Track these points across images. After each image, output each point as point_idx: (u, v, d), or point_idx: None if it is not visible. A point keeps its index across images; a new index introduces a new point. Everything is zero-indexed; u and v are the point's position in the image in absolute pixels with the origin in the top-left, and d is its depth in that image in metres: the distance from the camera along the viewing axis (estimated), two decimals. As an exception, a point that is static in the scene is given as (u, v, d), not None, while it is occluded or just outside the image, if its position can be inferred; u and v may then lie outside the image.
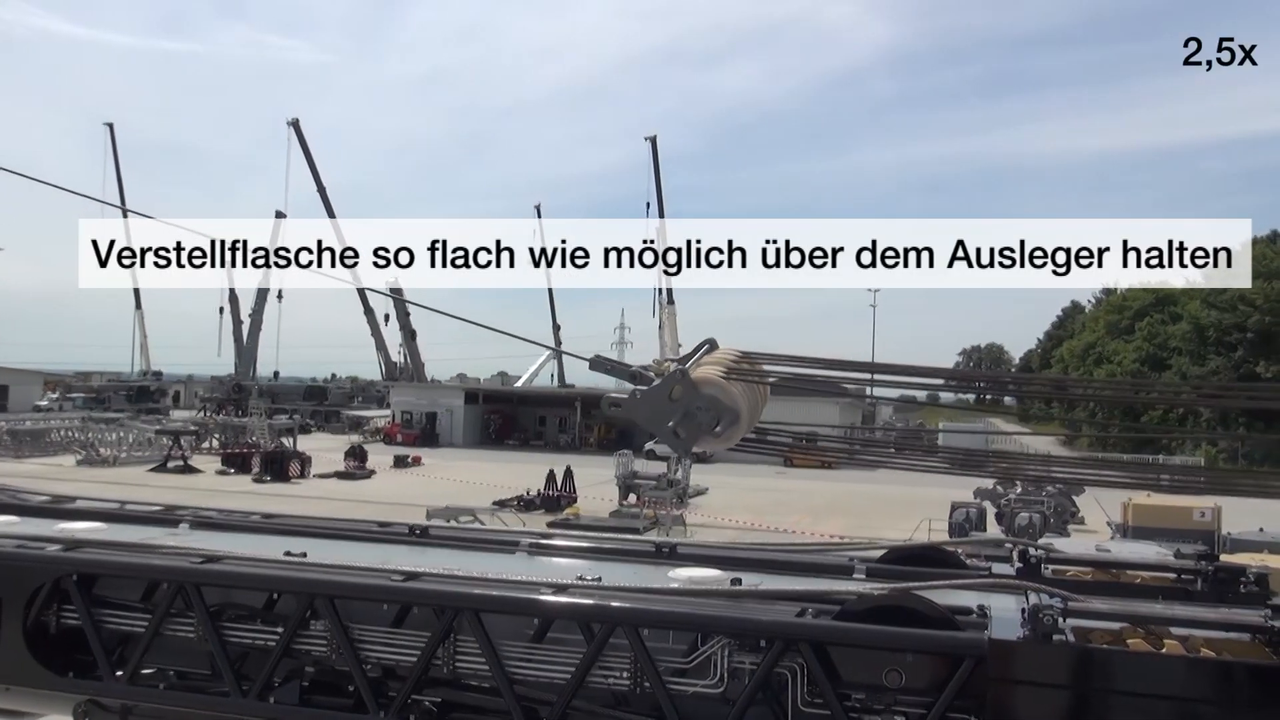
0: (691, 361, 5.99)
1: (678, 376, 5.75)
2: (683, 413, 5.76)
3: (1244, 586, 6.85)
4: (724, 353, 6.26)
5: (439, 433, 78.01)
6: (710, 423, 5.74)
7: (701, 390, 5.75)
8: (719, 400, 5.74)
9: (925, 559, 7.65)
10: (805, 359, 6.30)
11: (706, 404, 5.75)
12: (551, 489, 39.69)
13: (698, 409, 5.75)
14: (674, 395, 5.75)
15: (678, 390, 5.73)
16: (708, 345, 6.38)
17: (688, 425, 5.76)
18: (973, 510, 32.14)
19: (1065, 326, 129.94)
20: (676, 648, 5.85)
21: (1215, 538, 22.19)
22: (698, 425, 5.76)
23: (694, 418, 5.76)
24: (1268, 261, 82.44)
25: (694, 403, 5.75)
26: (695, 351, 6.22)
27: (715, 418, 5.74)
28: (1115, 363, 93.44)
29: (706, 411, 5.76)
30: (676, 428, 5.77)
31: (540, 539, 8.13)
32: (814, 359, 6.28)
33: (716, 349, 6.37)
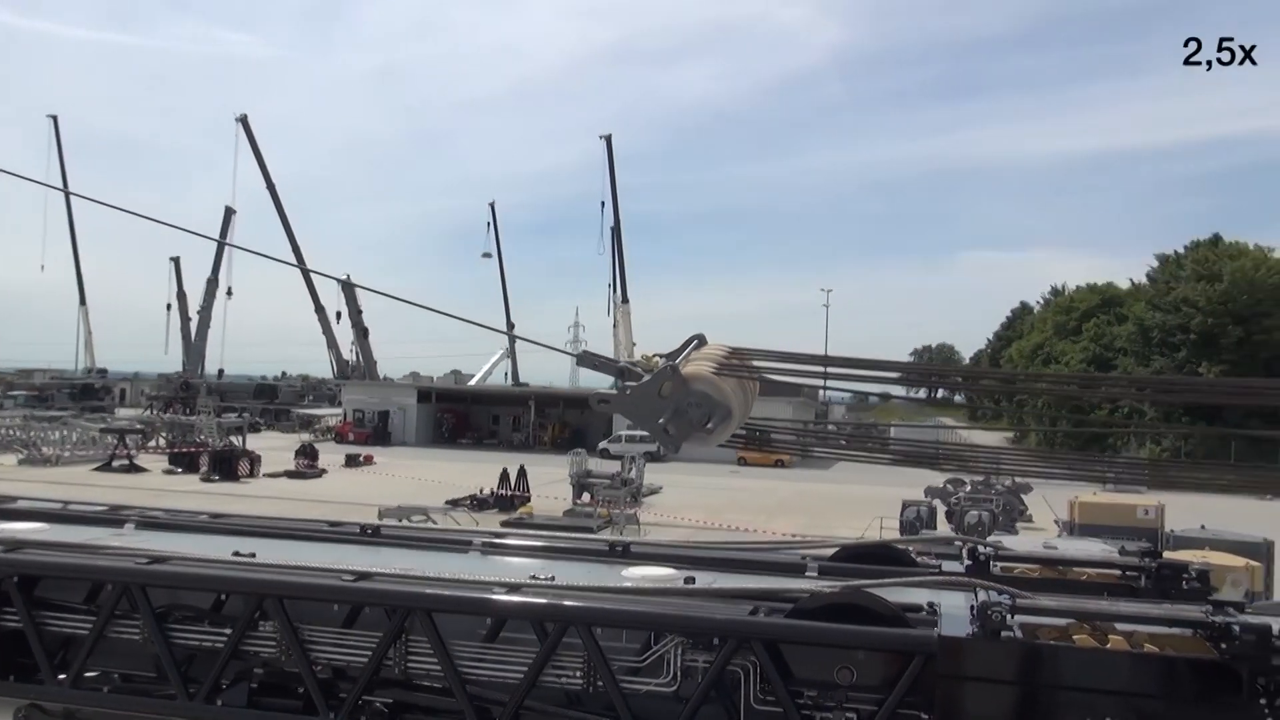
0: (681, 357, 5.93)
1: (668, 373, 5.67)
2: (673, 409, 5.68)
3: (1186, 583, 6.99)
4: (713, 348, 6.21)
5: (391, 431, 77.39)
6: (701, 419, 5.68)
7: (692, 386, 5.68)
8: (710, 396, 5.67)
9: (876, 557, 7.73)
10: (795, 355, 6.29)
11: (697, 400, 5.68)
12: (505, 488, 39.51)
13: (689, 405, 5.67)
14: (664, 392, 5.66)
15: (667, 386, 5.65)
16: (696, 341, 6.32)
17: (678, 422, 5.69)
18: (923, 508, 32.47)
19: (1014, 327, 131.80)
20: (630, 646, 5.85)
21: (1159, 535, 22.59)
22: (689, 422, 5.69)
23: (685, 414, 5.68)
24: (1210, 264, 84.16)
25: (685, 399, 5.66)
26: (683, 347, 6.16)
27: (706, 414, 5.68)
28: (1063, 363, 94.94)
29: (698, 408, 5.68)
30: (666, 424, 5.69)
31: (493, 538, 8.10)
32: (804, 355, 6.26)
33: (705, 344, 6.32)
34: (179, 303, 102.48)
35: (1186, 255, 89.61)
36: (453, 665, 5.85)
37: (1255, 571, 18.36)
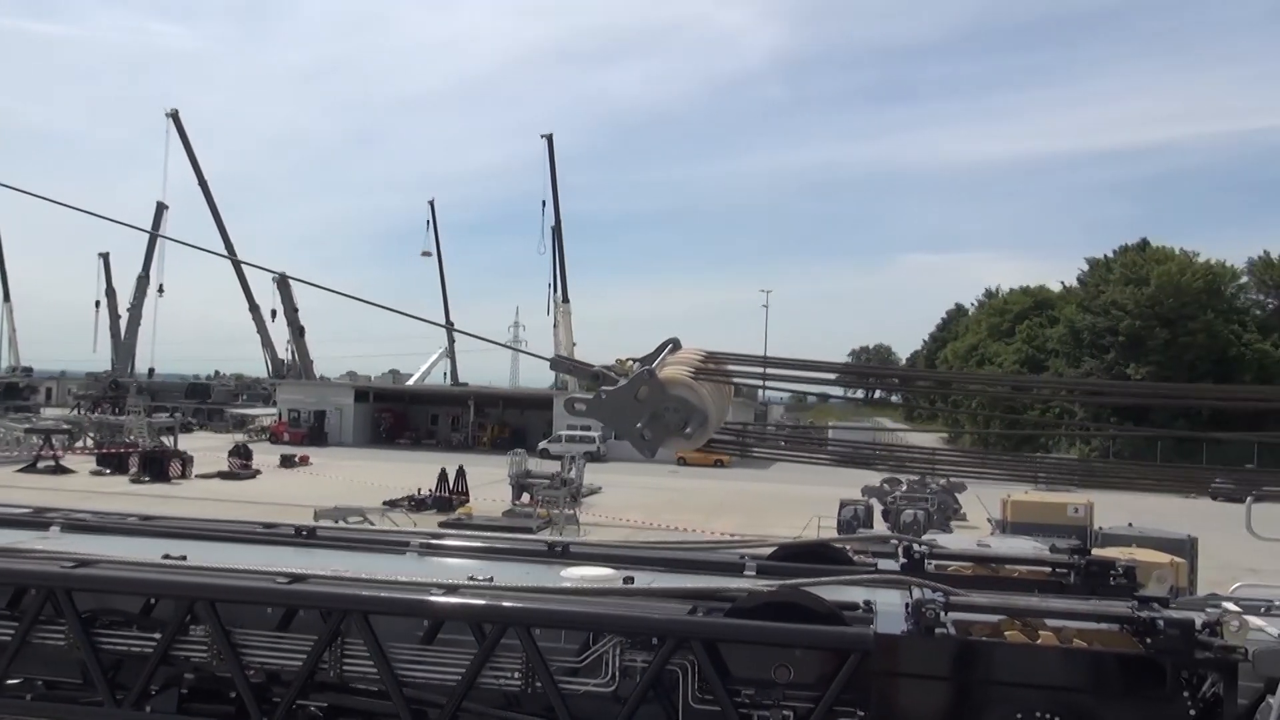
0: (657, 362, 5.89)
1: (645, 377, 5.61)
2: (650, 414, 5.63)
3: (1114, 579, 7.16)
4: (688, 352, 6.17)
5: (328, 431, 76.38)
6: (678, 424, 5.63)
7: (669, 391, 5.63)
8: (687, 401, 5.63)
9: (814, 555, 7.81)
10: (770, 359, 6.29)
11: (674, 405, 5.63)
12: (443, 488, 39.18)
13: (665, 410, 5.62)
14: (640, 396, 5.60)
15: (644, 391, 5.59)
16: (671, 344, 6.29)
17: (655, 426, 5.64)
18: (860, 508, 32.83)
19: (950, 328, 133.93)
20: (568, 647, 5.85)
21: (1088, 533, 23.08)
22: (665, 426, 5.64)
23: (661, 419, 5.63)
24: (1138, 268, 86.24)
25: (661, 403, 5.62)
26: (658, 351, 6.12)
27: (683, 419, 5.64)
28: (996, 364, 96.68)
29: (675, 412, 5.62)
30: (643, 429, 5.64)
31: (431, 539, 8.05)
32: (777, 359, 6.27)
33: (680, 348, 6.29)
34: (108, 300, 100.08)
35: (1115, 259, 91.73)
36: (389, 667, 5.79)
37: (1180, 568, 18.85)
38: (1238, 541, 10.10)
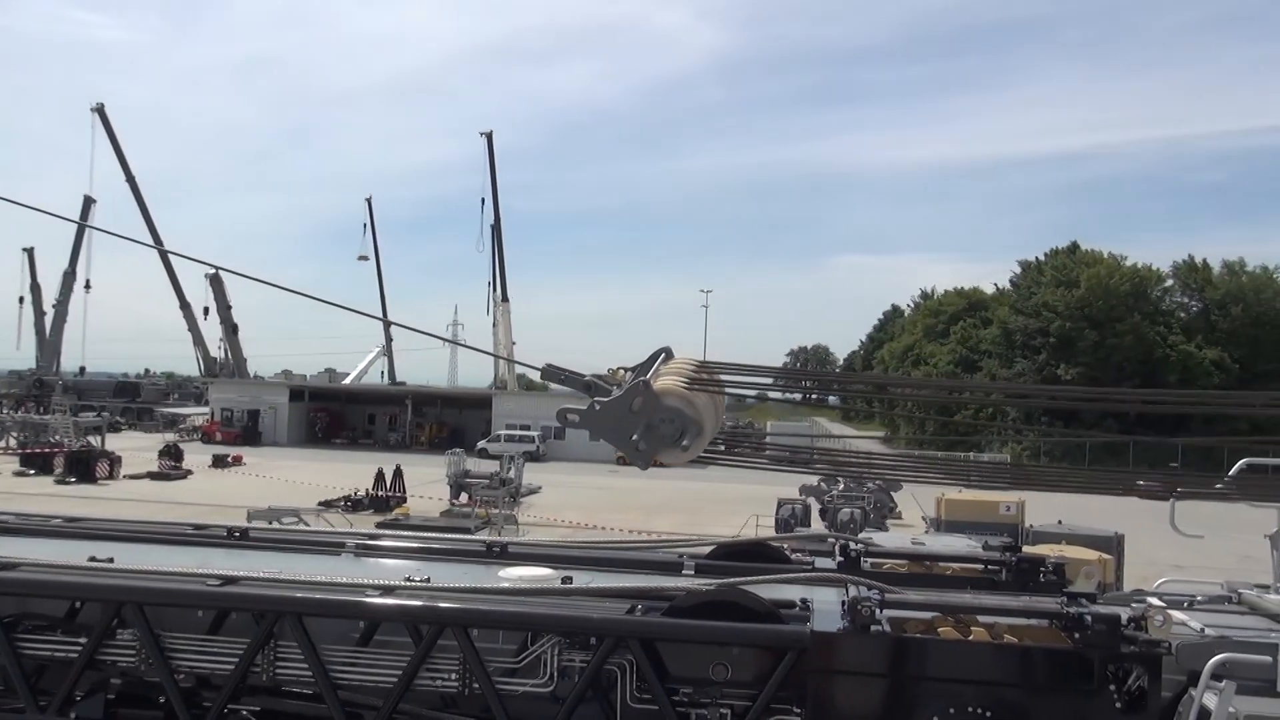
0: (651, 372, 5.85)
1: (640, 388, 5.56)
2: (645, 425, 5.57)
3: (1044, 575, 7.31)
4: (681, 362, 6.14)
5: (262, 431, 75.18)
6: (673, 435, 5.59)
7: (664, 402, 5.58)
8: (683, 412, 5.59)
9: (752, 554, 7.87)
10: (761, 369, 6.29)
11: (669, 416, 5.59)
12: (380, 489, 38.77)
13: (660, 421, 5.58)
14: (635, 407, 5.55)
15: (638, 402, 5.55)
16: (664, 354, 6.26)
17: (650, 438, 5.59)
18: (798, 507, 33.10)
19: (886, 329, 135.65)
20: (506, 647, 5.83)
21: (1019, 530, 23.50)
22: (660, 437, 5.60)
23: (656, 430, 5.59)
24: (1068, 271, 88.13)
25: (656, 415, 5.57)
26: (651, 361, 6.08)
27: (679, 430, 5.60)
28: (931, 364, 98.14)
29: (670, 424, 5.58)
30: (638, 441, 5.59)
31: (367, 540, 7.98)
32: (769, 369, 6.26)
33: (672, 358, 6.26)
34: (33, 296, 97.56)
35: (1046, 262, 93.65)
36: (324, 670, 5.73)
37: (1107, 564, 19.30)
38: (1162, 538, 10.37)
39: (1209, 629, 7.12)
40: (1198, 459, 21.02)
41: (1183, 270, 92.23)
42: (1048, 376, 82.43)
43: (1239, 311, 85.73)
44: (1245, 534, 10.35)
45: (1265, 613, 7.67)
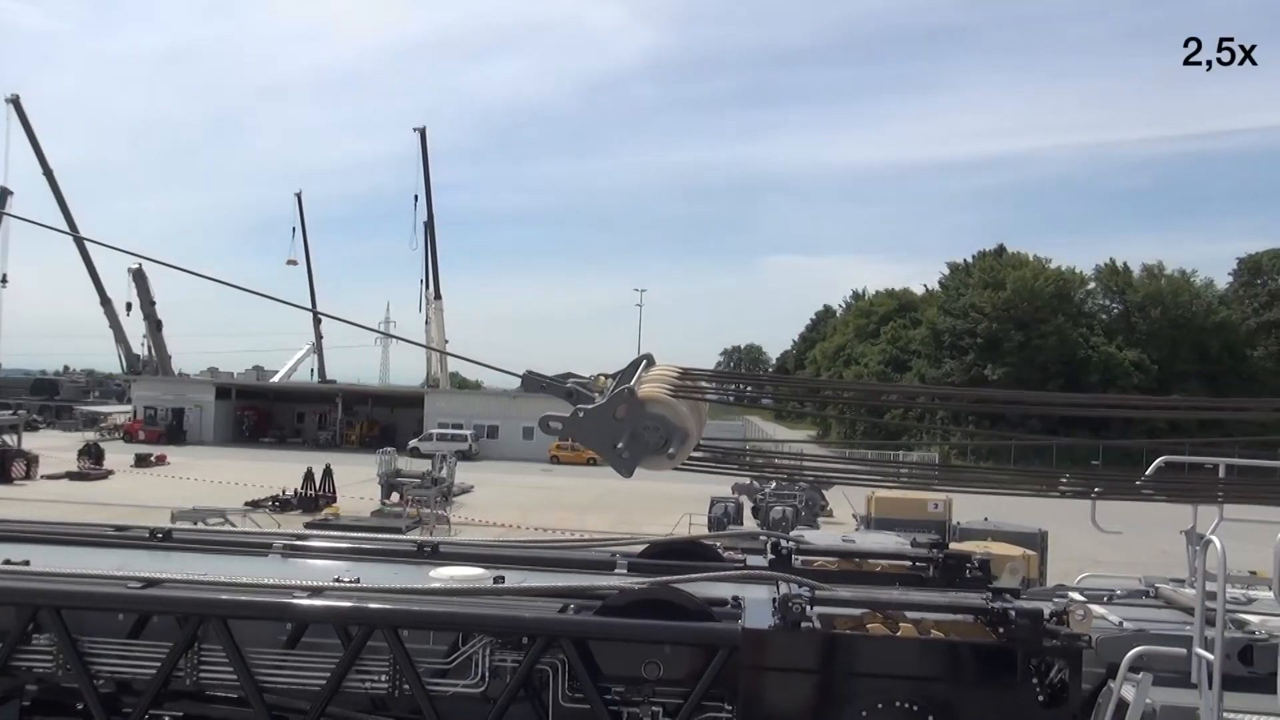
0: (634, 379, 5.80)
1: (625, 395, 5.52)
2: (630, 433, 5.53)
3: (969, 572, 7.45)
4: (664, 369, 6.10)
5: (187, 430, 73.65)
6: (658, 442, 5.56)
7: (648, 409, 5.54)
8: (667, 419, 5.55)
9: (684, 553, 7.90)
10: (741, 375, 6.28)
11: (654, 423, 5.55)
12: (309, 488, 38.21)
13: (645, 428, 5.54)
14: (619, 415, 5.51)
15: (623, 409, 5.51)
16: (645, 361, 6.22)
17: (634, 445, 5.54)
18: (730, 505, 33.29)
19: (818, 329, 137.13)
20: (437, 648, 5.79)
21: (946, 527, 23.90)
22: (644, 445, 5.56)
23: (640, 438, 5.54)
24: (995, 273, 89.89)
25: (640, 422, 5.53)
26: (632, 368, 6.03)
27: (663, 437, 5.56)
28: (862, 364, 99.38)
29: (654, 431, 5.54)
30: (622, 449, 5.53)
31: (296, 540, 7.88)
32: (748, 375, 6.26)
33: (654, 365, 6.22)
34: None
35: (974, 264, 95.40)
36: (249, 674, 5.63)
37: (1031, 560, 19.73)
38: (1084, 535, 10.63)
39: (1127, 623, 7.32)
40: (1118, 458, 21.54)
41: (1104, 273, 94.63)
42: (975, 376, 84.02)
43: (1158, 314, 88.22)
44: (1163, 530, 10.65)
45: (1180, 606, 7.90)
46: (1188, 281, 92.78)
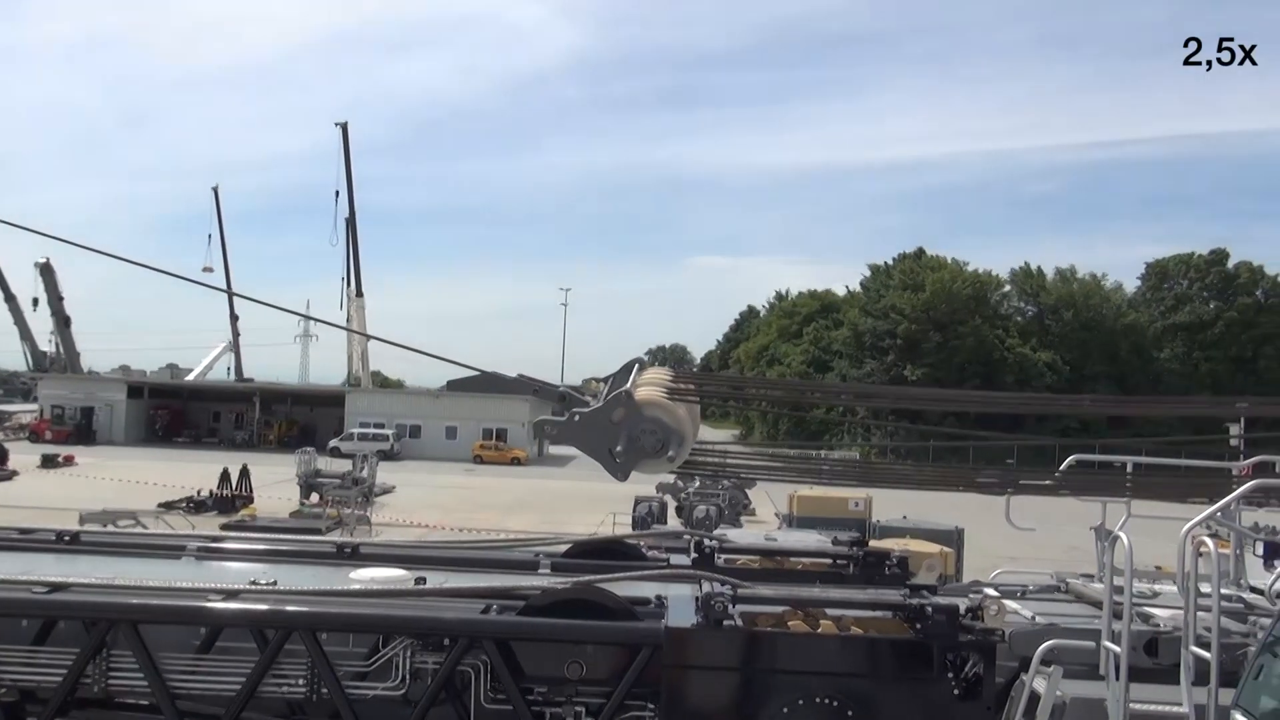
0: (630, 383, 5.76)
1: (622, 399, 5.48)
2: (626, 437, 5.50)
3: (889, 569, 7.58)
4: (658, 373, 6.09)
5: (96, 430, 71.51)
6: (654, 446, 5.54)
7: (645, 413, 5.51)
8: (664, 423, 5.53)
9: (608, 552, 7.91)
10: (734, 378, 6.29)
11: (651, 427, 5.52)
12: (225, 489, 37.38)
13: (642, 432, 5.51)
14: (615, 418, 5.47)
15: (619, 413, 5.47)
16: (637, 364, 6.19)
17: (630, 449, 5.51)
18: (654, 504, 33.36)
19: (742, 329, 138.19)
20: (357, 651, 5.72)
21: (866, 525, 24.28)
22: (641, 449, 5.53)
23: (637, 441, 5.51)
24: (914, 275, 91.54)
25: (637, 426, 5.50)
26: (626, 371, 5.99)
27: (660, 440, 5.54)
28: (785, 364, 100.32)
29: (651, 435, 5.52)
30: (617, 452, 5.49)
31: (210, 542, 7.73)
32: (741, 378, 6.26)
33: (646, 368, 6.20)
34: None
35: (894, 266, 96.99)
36: (161, 680, 5.50)
37: (948, 557, 20.16)
38: (999, 532, 10.87)
39: (1040, 617, 7.51)
40: (1031, 457, 22.08)
41: (1019, 276, 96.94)
42: (895, 376, 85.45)
43: (1070, 316, 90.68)
44: (1074, 526, 10.96)
45: (1090, 601, 8.14)
46: (1098, 285, 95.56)
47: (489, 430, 69.36)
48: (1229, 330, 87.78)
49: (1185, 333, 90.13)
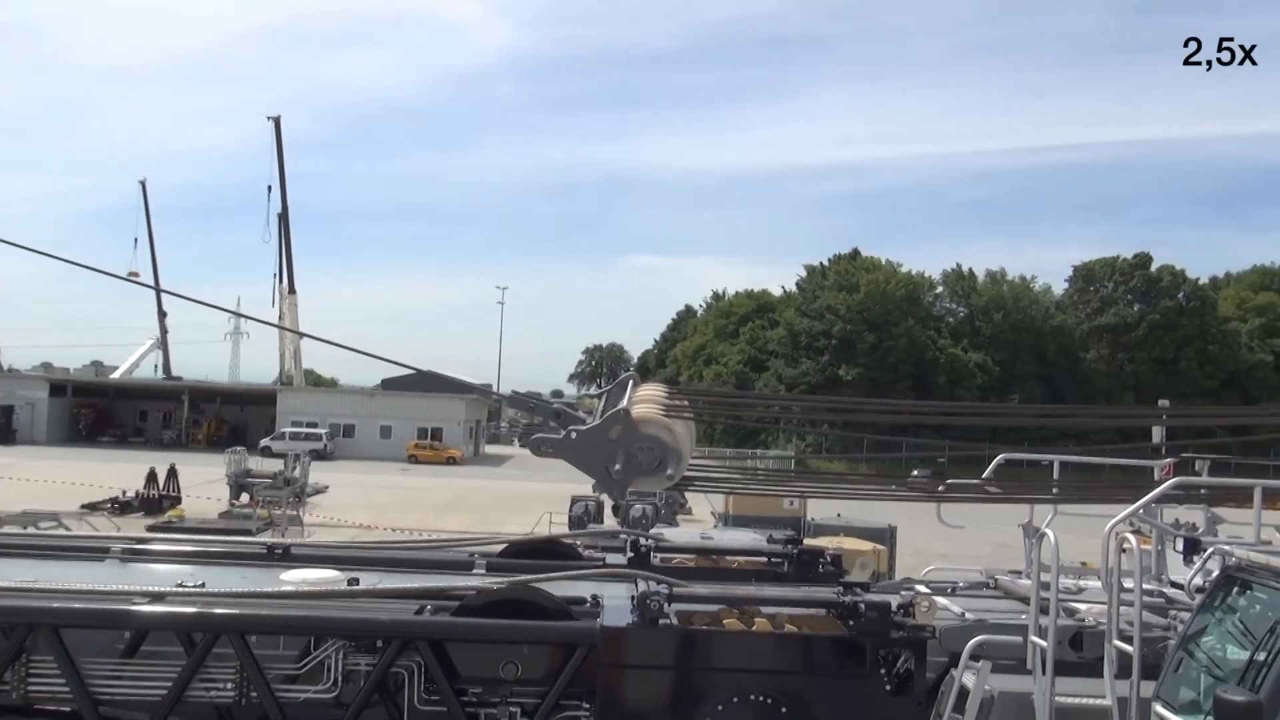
0: (626, 400, 5.71)
1: (620, 416, 5.45)
2: (624, 454, 5.47)
3: (823, 567, 7.67)
4: (653, 389, 6.07)
5: (17, 429, 69.59)
6: (652, 463, 5.52)
7: (642, 430, 5.49)
8: (662, 440, 5.51)
9: (544, 552, 7.89)
10: (725, 392, 6.28)
11: (649, 444, 5.50)
12: (152, 489, 36.56)
13: (639, 449, 5.49)
14: (613, 436, 5.44)
15: (617, 431, 5.44)
16: (632, 379, 6.15)
17: (628, 466, 5.49)
18: (591, 503, 33.33)
19: (679, 329, 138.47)
20: (288, 653, 5.64)
21: (801, 524, 24.47)
22: (639, 466, 5.51)
23: (635, 459, 5.49)
24: (849, 276, 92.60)
25: (634, 443, 5.48)
26: (620, 387, 5.95)
27: (658, 458, 5.52)
28: (722, 364, 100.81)
29: (649, 451, 5.50)
30: (614, 470, 5.46)
31: (136, 544, 7.58)
32: (732, 392, 6.25)
33: (640, 384, 6.16)
34: None
35: (830, 267, 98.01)
36: (83, 685, 5.37)
37: (881, 554, 20.42)
38: (930, 529, 11.04)
39: (969, 613, 7.65)
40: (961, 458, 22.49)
41: (951, 278, 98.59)
42: (830, 377, 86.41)
43: (1000, 318, 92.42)
44: (1003, 524, 11.18)
45: (1018, 596, 8.30)
46: (1028, 287, 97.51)
47: (424, 430, 68.80)
48: (1151, 332, 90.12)
49: (1110, 334, 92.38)
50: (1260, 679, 5.03)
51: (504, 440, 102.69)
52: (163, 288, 63.00)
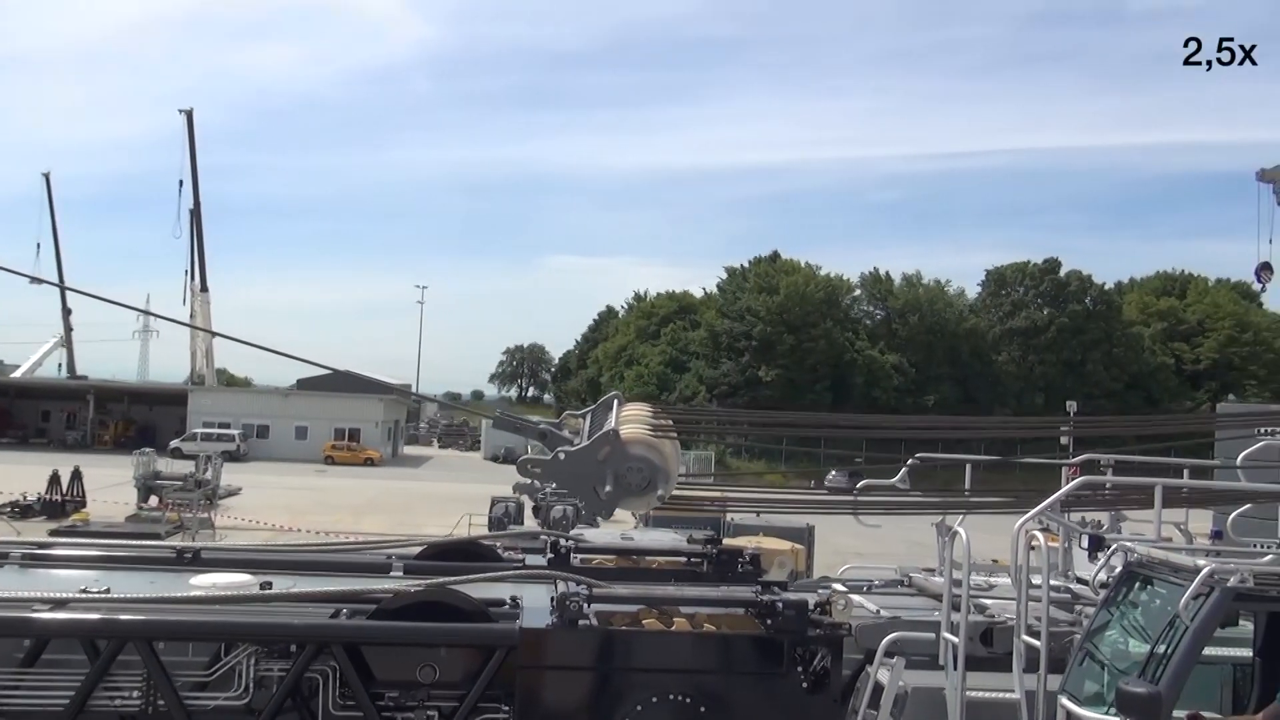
0: (614, 421, 5.66)
1: (608, 437, 5.41)
2: (613, 475, 5.44)
3: (741, 566, 7.72)
4: (637, 408, 6.05)
5: (-90, 429, 66.91)
6: (641, 483, 5.50)
7: (631, 450, 5.46)
8: (651, 461, 5.49)
9: (463, 554, 7.82)
10: (710, 411, 6.28)
11: (638, 464, 5.47)
12: (55, 492, 35.40)
13: (628, 470, 5.45)
14: (602, 457, 5.41)
15: (606, 452, 5.40)
16: (616, 399, 6.13)
17: (618, 487, 5.46)
18: (512, 504, 33.11)
19: (601, 329, 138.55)
20: (197, 660, 5.51)
21: (721, 524, 24.63)
22: (628, 487, 5.49)
23: (624, 479, 5.46)
24: (769, 278, 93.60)
25: (623, 464, 5.44)
26: (605, 407, 5.92)
27: (647, 478, 5.50)
28: (644, 364, 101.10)
29: (638, 472, 5.49)
30: (605, 491, 5.41)
31: (37, 549, 7.34)
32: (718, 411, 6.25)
33: (624, 404, 6.12)
34: None
35: (750, 269, 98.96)
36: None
37: (799, 554, 20.68)
38: (847, 528, 11.21)
39: (884, 611, 7.79)
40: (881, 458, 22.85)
41: (869, 281, 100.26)
42: (750, 377, 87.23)
43: (916, 320, 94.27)
44: (917, 523, 11.39)
45: (931, 594, 8.48)
46: (942, 290, 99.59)
47: (341, 430, 67.72)
48: (1060, 335, 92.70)
49: (1021, 337, 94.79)
50: (1160, 671, 5.20)
51: (423, 441, 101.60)
52: (68, 285, 60.94)
